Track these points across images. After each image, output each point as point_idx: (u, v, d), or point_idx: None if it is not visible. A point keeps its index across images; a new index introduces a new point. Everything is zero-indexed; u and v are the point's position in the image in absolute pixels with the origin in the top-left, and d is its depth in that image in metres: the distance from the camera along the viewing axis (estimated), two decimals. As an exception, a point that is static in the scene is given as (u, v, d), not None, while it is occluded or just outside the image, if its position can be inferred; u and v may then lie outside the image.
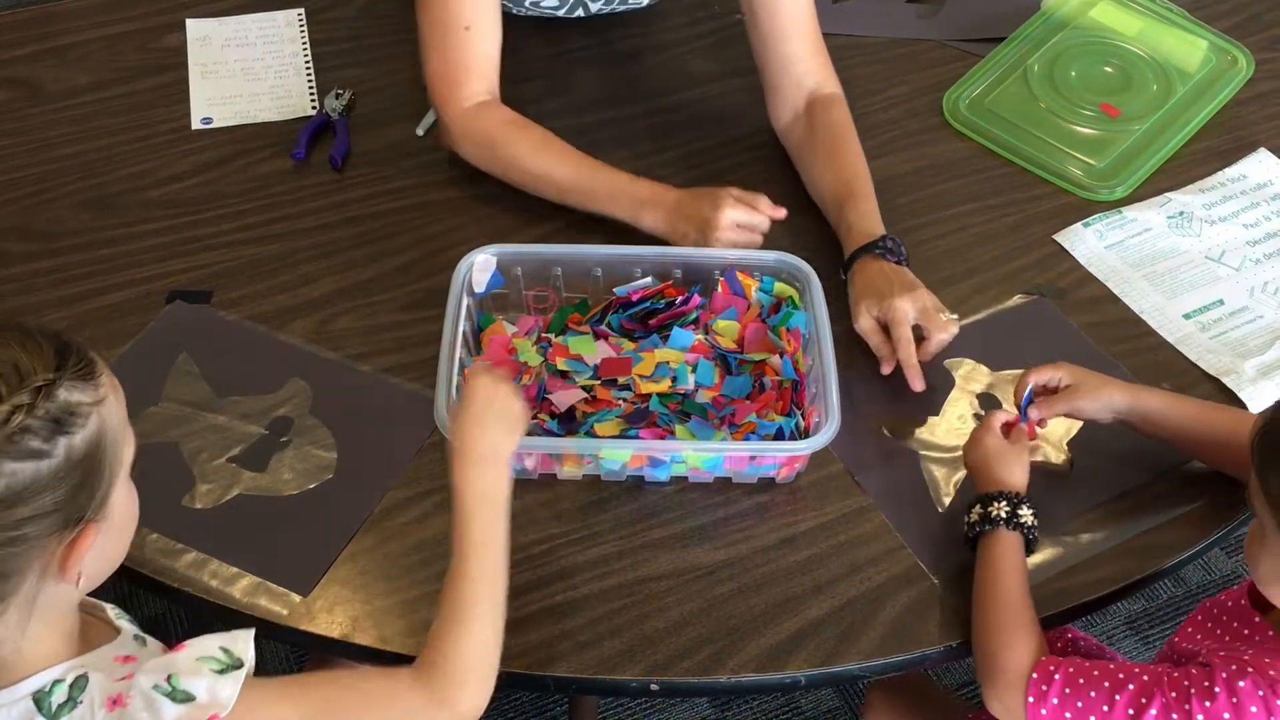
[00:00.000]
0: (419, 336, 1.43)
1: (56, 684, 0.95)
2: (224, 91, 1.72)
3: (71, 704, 0.95)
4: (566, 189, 1.52)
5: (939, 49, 1.83)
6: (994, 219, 1.60)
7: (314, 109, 1.70)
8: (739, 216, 1.43)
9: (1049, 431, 1.36)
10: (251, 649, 0.99)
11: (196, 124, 1.68)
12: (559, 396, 1.33)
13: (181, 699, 0.94)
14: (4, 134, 1.66)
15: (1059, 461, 1.35)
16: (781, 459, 1.30)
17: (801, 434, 1.31)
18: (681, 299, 1.41)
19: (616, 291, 1.43)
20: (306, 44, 1.79)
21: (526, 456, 1.30)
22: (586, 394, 1.35)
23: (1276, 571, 1.06)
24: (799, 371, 1.35)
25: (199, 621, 1.26)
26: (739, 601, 1.24)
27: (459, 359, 1.32)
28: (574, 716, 1.77)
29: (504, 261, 1.40)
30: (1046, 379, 1.31)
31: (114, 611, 1.06)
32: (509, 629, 1.20)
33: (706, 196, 1.45)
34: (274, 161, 1.64)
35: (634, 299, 1.41)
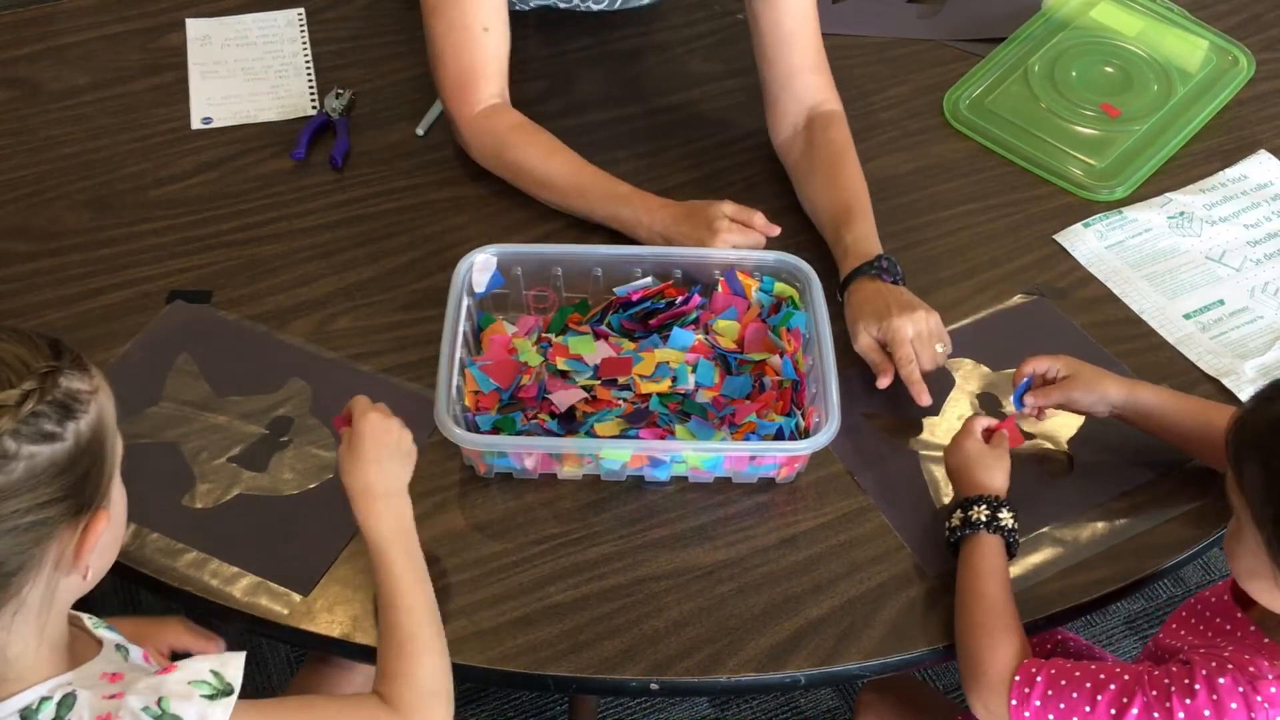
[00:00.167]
0: (419, 336, 1.43)
1: (44, 701, 0.95)
2: (224, 91, 1.72)
3: None
4: (568, 197, 1.53)
5: (939, 49, 1.83)
6: (994, 219, 1.60)
7: (314, 109, 1.70)
8: (733, 240, 1.42)
9: (1050, 431, 1.36)
10: (241, 674, 0.99)
11: (196, 124, 1.68)
12: (559, 396, 1.33)
13: None
14: (4, 134, 1.66)
15: (1059, 454, 1.35)
16: (781, 459, 1.30)
17: (801, 434, 1.31)
18: (682, 299, 1.41)
19: (616, 291, 1.43)
20: (307, 44, 1.79)
21: (526, 456, 1.30)
22: (586, 394, 1.35)
23: (1254, 567, 1.06)
24: (799, 371, 1.35)
25: (199, 621, 1.26)
26: (739, 601, 1.24)
27: (459, 359, 1.32)
28: (574, 716, 1.77)
29: (504, 261, 1.40)
30: (1044, 369, 1.32)
31: (91, 621, 1.06)
32: (510, 628, 1.21)
33: (702, 220, 1.43)
34: (274, 161, 1.64)
35: (634, 299, 1.41)
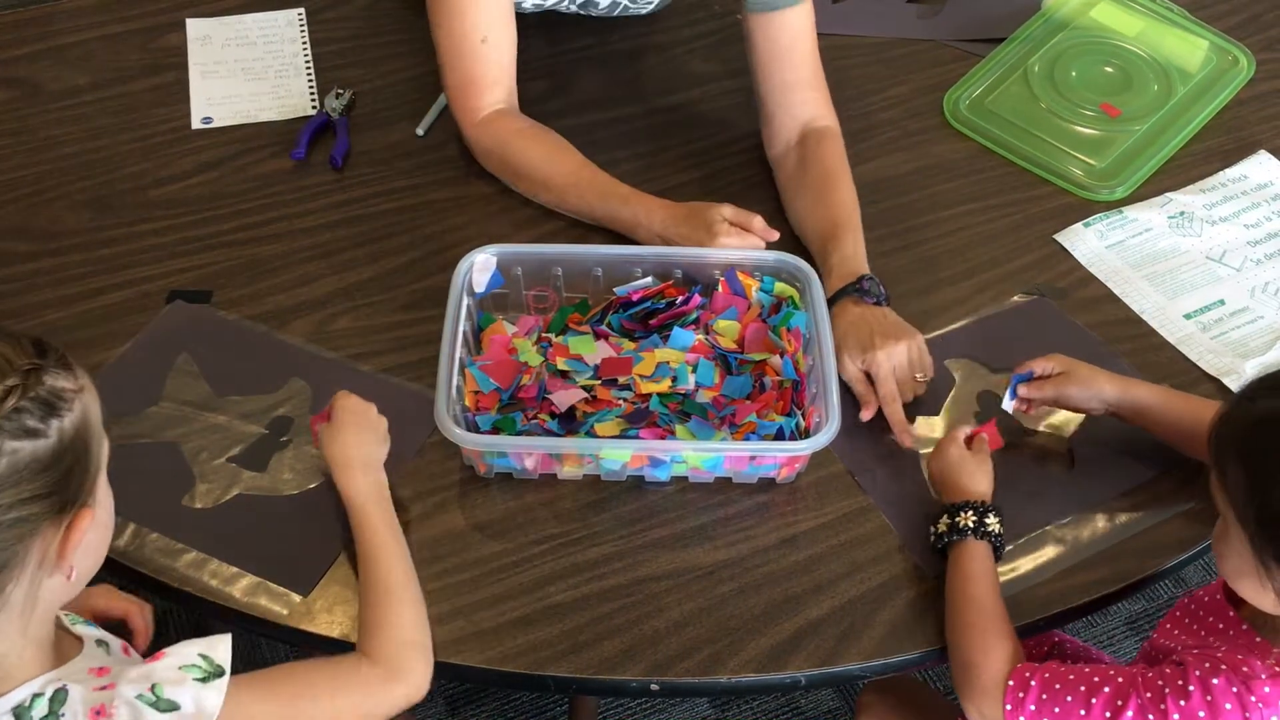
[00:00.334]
0: (419, 336, 1.43)
1: (36, 698, 0.95)
2: (224, 91, 1.72)
3: (53, 717, 0.95)
4: (568, 198, 1.53)
5: (939, 49, 1.83)
6: (994, 219, 1.60)
7: (314, 109, 1.70)
8: (732, 243, 1.42)
9: (1050, 429, 1.37)
10: (229, 655, 1.01)
11: (197, 124, 1.68)
12: (559, 396, 1.33)
13: (166, 708, 0.95)
14: (4, 134, 1.66)
15: (1059, 453, 1.35)
16: (781, 459, 1.30)
17: (801, 434, 1.31)
18: (682, 299, 1.41)
19: (617, 291, 1.43)
20: (307, 44, 1.79)
21: (526, 456, 1.30)
22: (586, 394, 1.35)
23: (1240, 566, 1.07)
24: (799, 371, 1.35)
25: (199, 621, 1.26)
26: (739, 601, 1.24)
27: (459, 359, 1.32)
28: (574, 716, 1.77)
29: (504, 261, 1.40)
30: (1040, 369, 1.33)
31: (69, 619, 1.06)
32: (510, 628, 1.21)
33: (701, 222, 1.43)
34: (274, 161, 1.64)
35: (634, 299, 1.41)
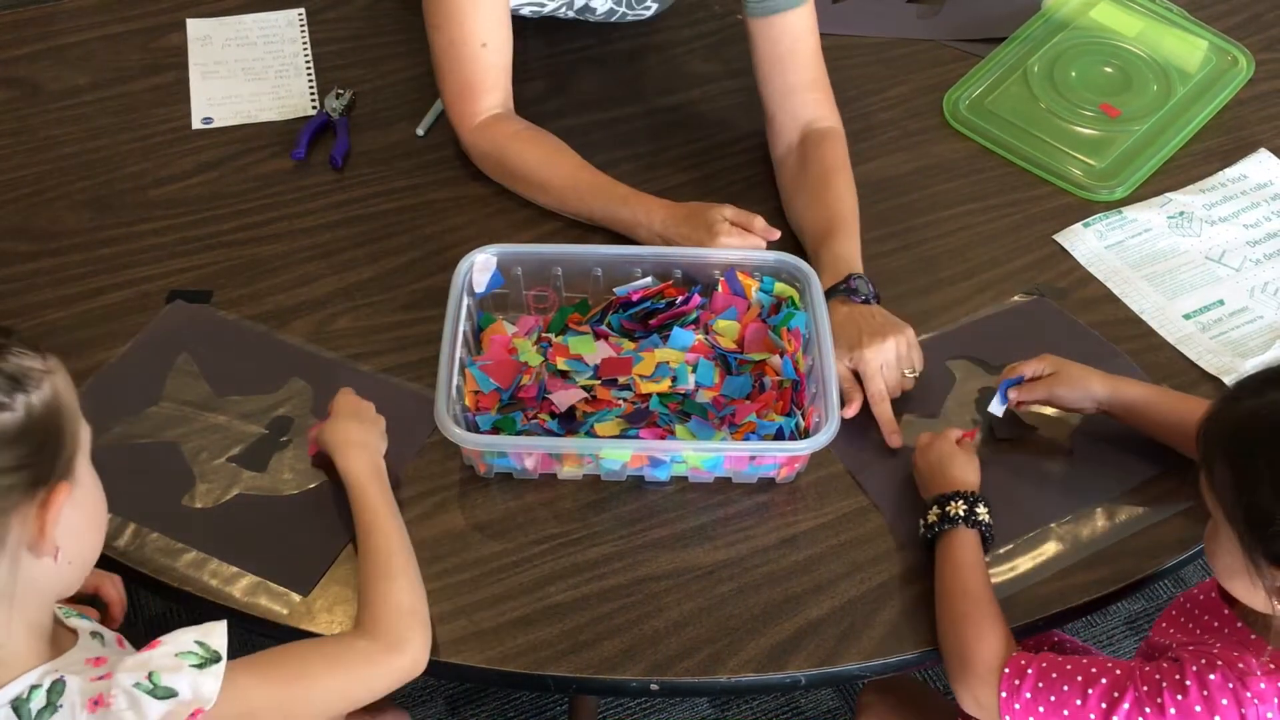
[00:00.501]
0: (419, 336, 1.43)
1: (34, 689, 0.95)
2: (224, 91, 1.72)
3: (51, 708, 0.95)
4: (567, 200, 1.54)
5: (939, 49, 1.83)
6: (994, 219, 1.60)
7: (314, 109, 1.70)
8: (732, 243, 1.42)
9: (1049, 429, 1.37)
10: (225, 640, 1.01)
11: (197, 124, 1.68)
12: (559, 396, 1.33)
13: (164, 695, 0.96)
14: (4, 134, 1.66)
15: (1059, 453, 1.35)
16: (781, 459, 1.30)
17: (801, 434, 1.31)
18: (682, 299, 1.41)
19: (616, 291, 1.43)
20: (307, 44, 1.79)
21: (526, 456, 1.30)
22: (586, 394, 1.35)
23: (1232, 565, 1.07)
24: (799, 371, 1.35)
25: (200, 622, 1.26)
26: (739, 601, 1.24)
27: (459, 359, 1.32)
28: (574, 716, 1.77)
29: (504, 261, 1.40)
30: (1030, 371, 1.34)
31: (63, 612, 1.07)
32: (510, 628, 1.21)
33: (702, 222, 1.43)
34: (274, 161, 1.64)
35: (634, 299, 1.41)
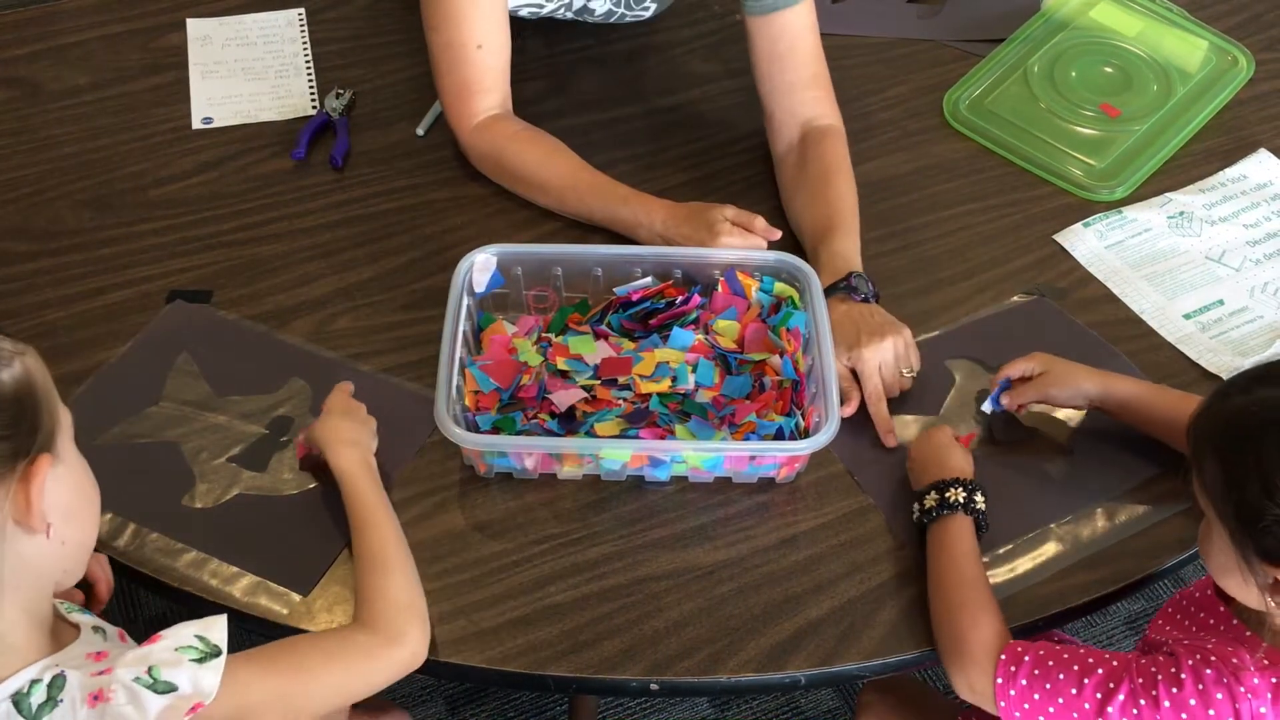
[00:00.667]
0: (419, 336, 1.43)
1: (35, 684, 0.95)
2: (224, 91, 1.72)
3: (52, 703, 0.95)
4: (567, 201, 1.54)
5: (939, 49, 1.83)
6: (994, 219, 1.60)
7: (314, 109, 1.70)
8: (734, 243, 1.42)
9: (1049, 428, 1.37)
10: (225, 634, 1.01)
11: (197, 124, 1.68)
12: (559, 396, 1.33)
13: (164, 690, 0.96)
14: (4, 134, 1.66)
15: (1059, 453, 1.35)
16: (781, 459, 1.30)
17: (801, 434, 1.31)
18: (681, 299, 1.41)
19: (616, 291, 1.43)
20: (307, 44, 1.79)
21: (526, 456, 1.30)
22: (586, 394, 1.35)
23: (1225, 563, 1.07)
24: (799, 371, 1.35)
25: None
26: (739, 601, 1.24)
27: (459, 359, 1.32)
28: (574, 716, 1.77)
29: (504, 261, 1.40)
30: (1021, 371, 1.34)
31: (64, 607, 1.07)
32: (510, 628, 1.21)
33: (703, 222, 1.44)
34: (274, 161, 1.64)
35: (634, 299, 1.41)
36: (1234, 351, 1.45)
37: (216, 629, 1.01)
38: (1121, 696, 1.07)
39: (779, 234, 1.43)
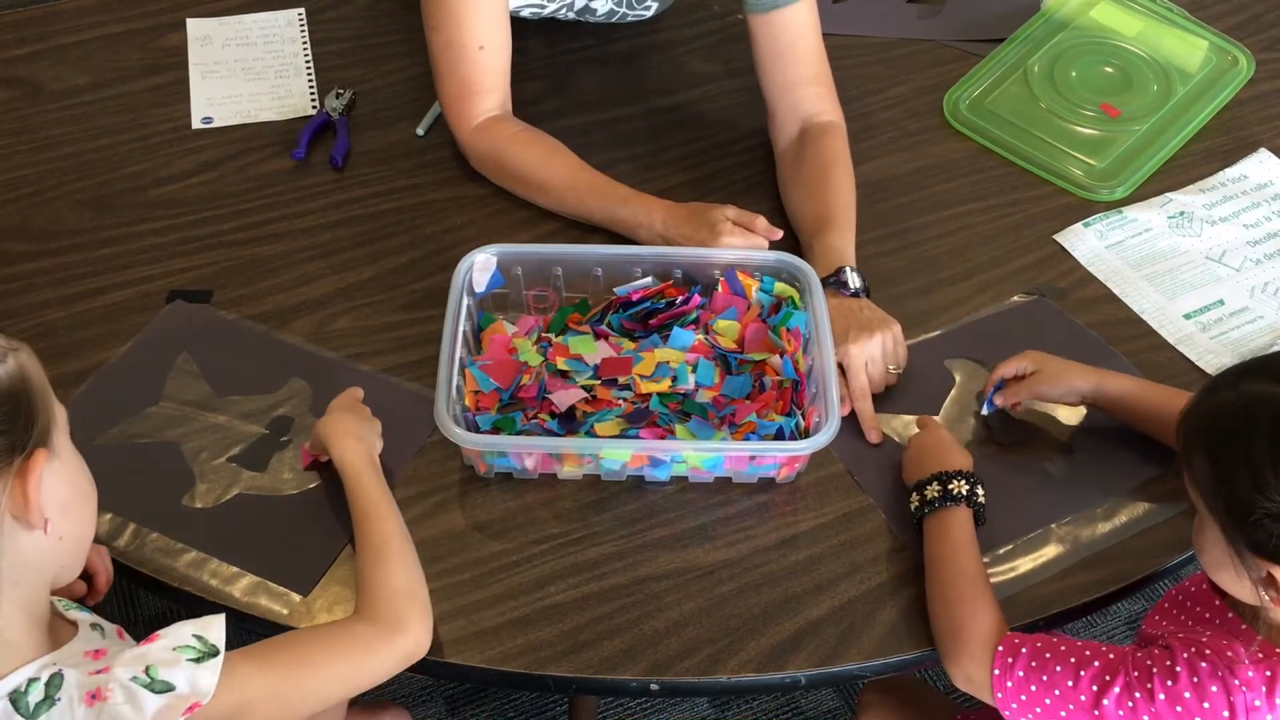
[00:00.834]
0: (419, 336, 1.43)
1: (32, 682, 0.96)
2: (224, 91, 1.72)
3: (49, 702, 0.95)
4: (567, 201, 1.54)
5: (939, 49, 1.83)
6: (994, 219, 1.60)
7: (314, 109, 1.70)
8: (735, 243, 1.42)
9: (1050, 428, 1.37)
10: (224, 634, 1.01)
11: (197, 124, 1.68)
12: (559, 396, 1.33)
13: (161, 689, 0.96)
14: (4, 134, 1.66)
15: (1059, 453, 1.35)
16: (781, 459, 1.30)
17: (801, 434, 1.31)
18: (682, 299, 1.41)
19: (616, 291, 1.43)
20: (307, 44, 1.79)
21: (526, 456, 1.30)
22: (586, 394, 1.35)
23: (1218, 558, 1.07)
24: (799, 371, 1.35)
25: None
26: (739, 601, 1.24)
27: (459, 359, 1.32)
28: (574, 716, 1.77)
29: (504, 261, 1.40)
30: (1013, 370, 1.35)
31: (62, 604, 1.07)
32: (509, 628, 1.21)
33: (704, 222, 1.44)
34: (274, 161, 1.64)
35: (634, 299, 1.41)
36: (1234, 352, 1.45)
37: (214, 628, 1.01)
38: (1117, 689, 1.07)
39: (780, 234, 1.43)
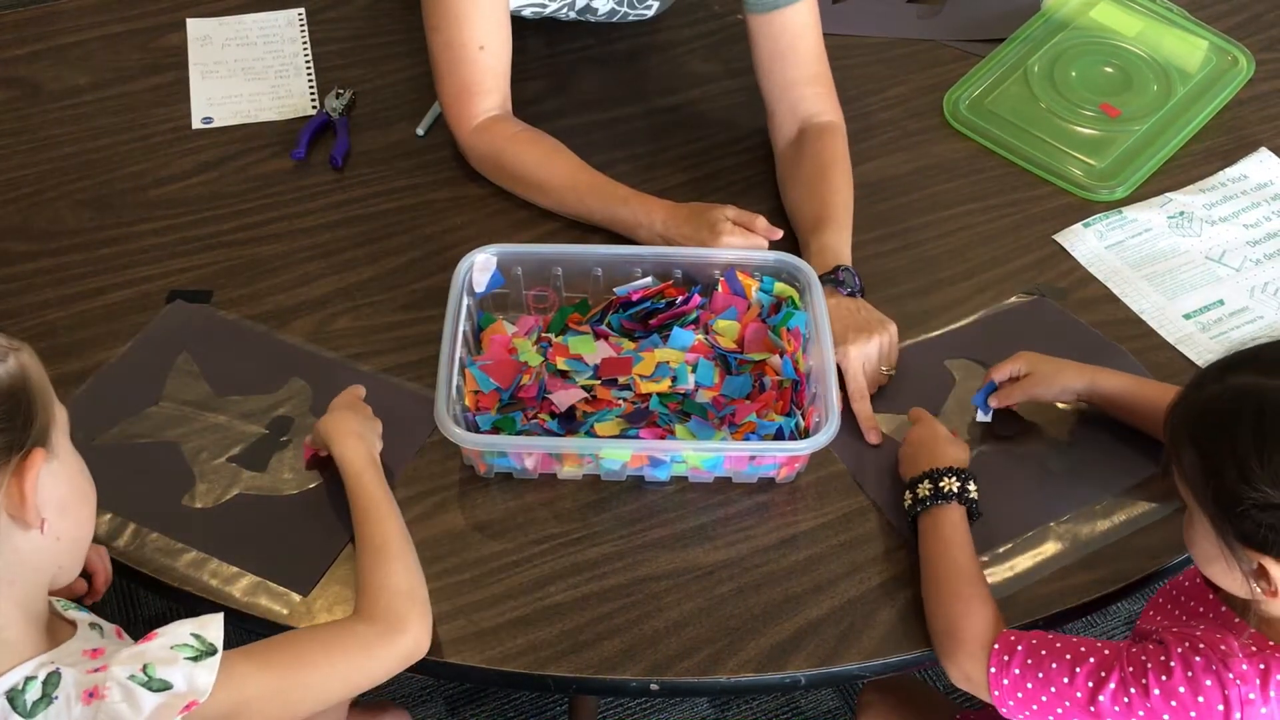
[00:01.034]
0: (419, 336, 1.43)
1: (29, 681, 0.96)
2: (224, 91, 1.72)
3: (47, 700, 0.95)
4: (566, 201, 1.54)
5: (939, 49, 1.83)
6: (994, 219, 1.60)
7: (314, 109, 1.70)
8: (735, 242, 1.42)
9: (1050, 427, 1.37)
10: (221, 632, 1.01)
11: (197, 124, 1.68)
12: (559, 396, 1.33)
13: (159, 688, 0.96)
14: (4, 134, 1.66)
15: (1059, 452, 1.35)
16: (781, 459, 1.30)
17: (801, 434, 1.31)
18: (682, 299, 1.41)
19: (616, 291, 1.43)
20: (307, 44, 1.79)
21: (526, 456, 1.30)
22: (586, 394, 1.35)
23: (1209, 551, 1.08)
24: (799, 371, 1.35)
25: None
26: (739, 601, 1.24)
27: (459, 359, 1.32)
28: (574, 716, 1.77)
29: (504, 261, 1.40)
30: (1007, 373, 1.35)
31: (60, 604, 1.07)
32: (509, 628, 1.21)
33: (704, 222, 1.44)
34: (274, 161, 1.64)
35: (634, 299, 1.41)
36: (1234, 352, 1.45)
37: (213, 627, 1.01)
38: (1112, 685, 1.07)
39: (780, 234, 1.44)
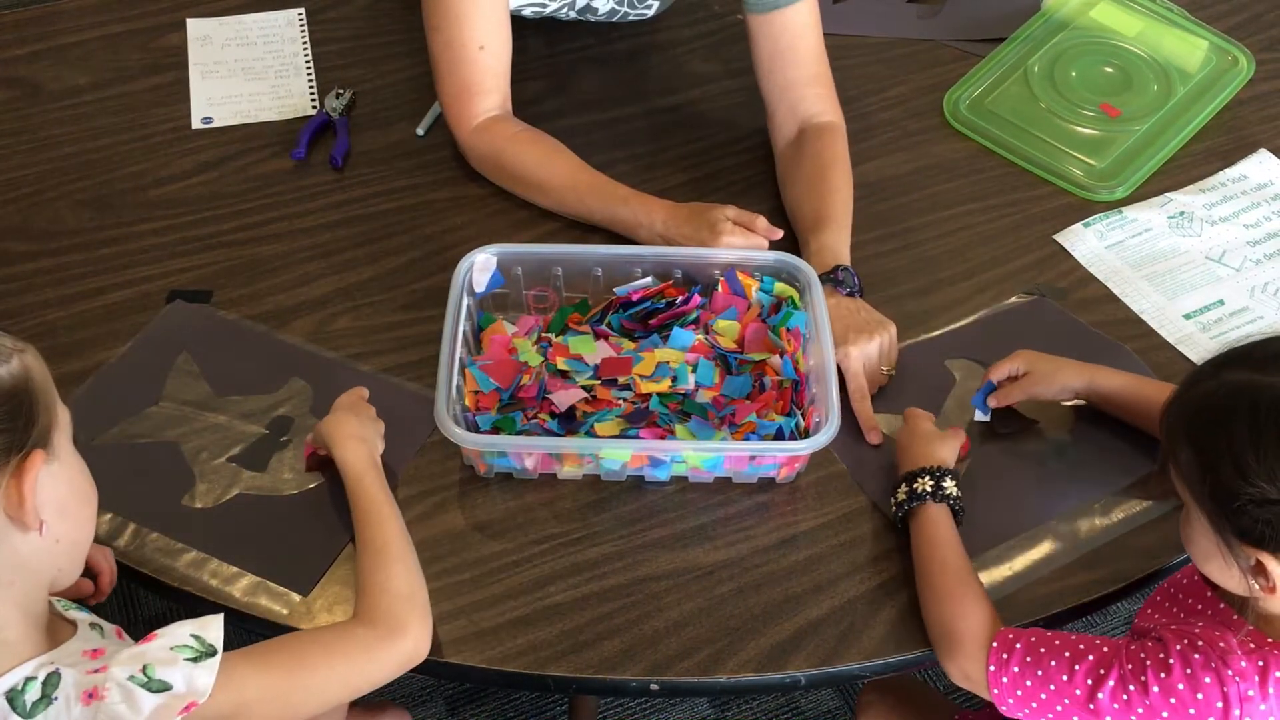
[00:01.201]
0: (419, 336, 1.43)
1: (29, 681, 0.96)
2: (224, 91, 1.72)
3: (46, 700, 0.95)
4: (567, 201, 1.54)
5: (939, 49, 1.83)
6: (994, 219, 1.60)
7: (314, 109, 1.70)
8: (735, 242, 1.42)
9: (1049, 427, 1.37)
10: (221, 633, 1.01)
11: (197, 124, 1.68)
12: (559, 396, 1.33)
13: (158, 689, 0.96)
14: (4, 134, 1.66)
15: (1059, 451, 1.36)
16: (781, 459, 1.30)
17: (801, 434, 1.31)
18: (682, 299, 1.41)
19: (616, 291, 1.43)
20: (307, 44, 1.79)
21: (526, 456, 1.30)
22: (586, 394, 1.35)
23: (1207, 549, 1.08)
24: (799, 371, 1.35)
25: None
26: (739, 601, 1.24)
27: (459, 359, 1.32)
28: (574, 716, 1.77)
29: (504, 261, 1.40)
30: (1005, 372, 1.35)
31: (61, 604, 1.07)
32: (509, 628, 1.21)
33: (704, 222, 1.44)
34: (274, 161, 1.64)
35: (634, 299, 1.41)
36: (1234, 351, 1.45)
37: (213, 628, 1.01)
38: (1111, 683, 1.08)
39: (780, 234, 1.44)
